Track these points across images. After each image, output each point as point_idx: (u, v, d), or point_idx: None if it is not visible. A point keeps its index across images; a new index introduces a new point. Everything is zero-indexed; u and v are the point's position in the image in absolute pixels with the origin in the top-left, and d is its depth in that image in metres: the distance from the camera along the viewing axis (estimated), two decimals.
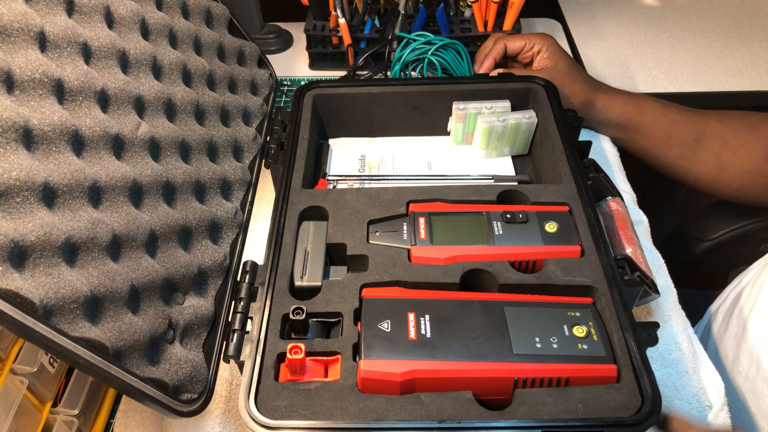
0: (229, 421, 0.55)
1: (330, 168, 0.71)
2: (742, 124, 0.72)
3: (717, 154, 0.72)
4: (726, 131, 0.72)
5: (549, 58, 0.75)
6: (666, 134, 0.73)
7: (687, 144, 0.72)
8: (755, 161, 0.71)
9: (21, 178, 0.40)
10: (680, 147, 0.73)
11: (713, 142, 0.72)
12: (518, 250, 0.54)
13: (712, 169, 0.72)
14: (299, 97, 0.71)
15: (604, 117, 0.76)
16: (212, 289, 0.54)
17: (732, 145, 0.71)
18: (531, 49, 0.76)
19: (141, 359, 0.44)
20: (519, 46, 0.76)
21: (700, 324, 0.74)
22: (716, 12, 1.05)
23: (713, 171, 0.72)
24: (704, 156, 0.72)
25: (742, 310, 0.63)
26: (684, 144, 0.72)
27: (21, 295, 0.37)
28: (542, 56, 0.75)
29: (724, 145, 0.71)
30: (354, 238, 0.56)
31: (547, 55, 0.75)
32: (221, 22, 0.72)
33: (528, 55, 0.76)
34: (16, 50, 0.45)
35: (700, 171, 0.73)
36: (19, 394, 0.46)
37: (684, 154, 0.73)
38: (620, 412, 0.43)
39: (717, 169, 0.72)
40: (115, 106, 0.52)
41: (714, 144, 0.72)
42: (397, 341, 0.47)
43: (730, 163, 0.71)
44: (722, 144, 0.71)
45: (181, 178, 0.55)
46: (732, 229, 0.84)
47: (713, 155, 0.72)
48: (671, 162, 0.74)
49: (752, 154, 0.71)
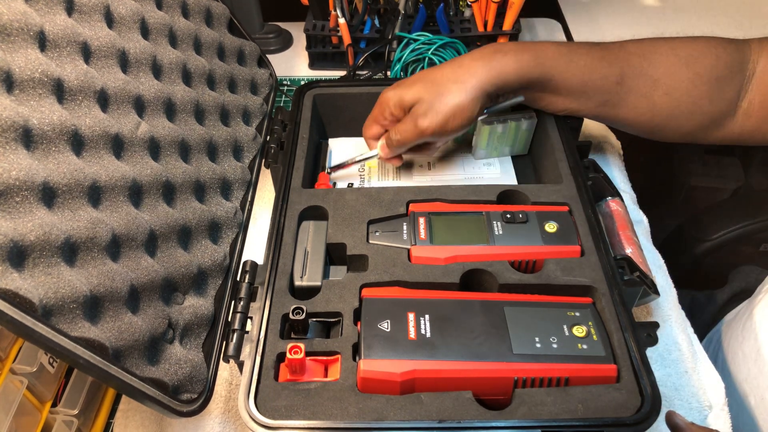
0: (228, 421, 0.55)
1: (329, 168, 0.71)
2: (673, 59, 0.60)
3: (647, 95, 0.60)
4: (653, 69, 0.60)
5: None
6: (580, 83, 0.60)
7: (607, 89, 0.61)
8: (696, 101, 0.60)
9: (20, 178, 0.40)
10: (600, 94, 0.61)
11: (639, 81, 0.60)
12: (518, 250, 0.54)
13: (644, 113, 0.61)
14: (299, 96, 0.71)
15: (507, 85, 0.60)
16: (212, 289, 0.54)
17: (664, 84, 0.60)
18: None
19: (141, 359, 0.44)
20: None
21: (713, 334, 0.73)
22: (716, 12, 1.05)
23: (645, 115, 0.62)
24: (631, 100, 0.61)
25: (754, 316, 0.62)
26: (604, 89, 0.61)
27: (20, 294, 0.37)
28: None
29: (654, 84, 0.60)
30: (354, 237, 0.56)
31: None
32: (221, 21, 0.71)
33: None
34: (16, 50, 0.45)
35: (629, 116, 0.62)
36: (19, 394, 0.46)
37: (607, 100, 0.61)
38: (620, 412, 0.43)
39: (650, 112, 0.61)
40: (115, 106, 0.52)
41: (640, 84, 0.60)
42: (397, 341, 0.47)
43: (665, 105, 0.61)
44: (651, 84, 0.60)
45: (181, 178, 0.55)
46: (732, 229, 0.85)
47: (642, 97, 0.61)
48: (594, 110, 0.63)
49: (692, 92, 0.60)
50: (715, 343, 0.70)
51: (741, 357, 0.63)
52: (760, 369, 0.59)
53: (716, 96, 0.60)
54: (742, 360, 0.62)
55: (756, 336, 0.61)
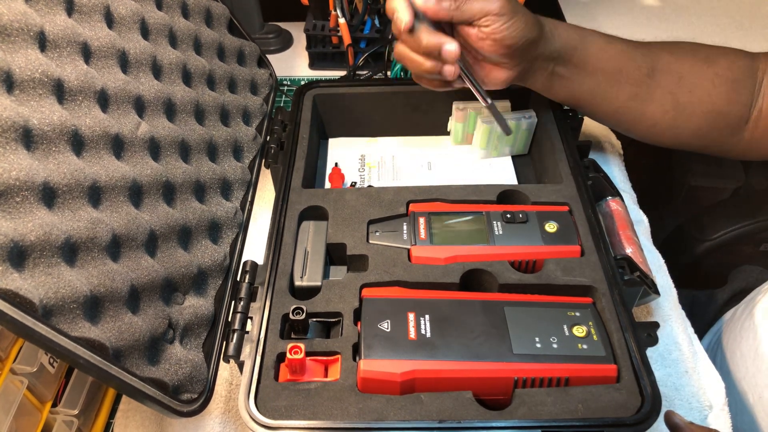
0: (228, 421, 0.55)
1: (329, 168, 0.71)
2: (696, 58, 0.63)
3: (673, 92, 0.62)
4: (679, 65, 0.62)
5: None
6: (615, 68, 0.61)
7: (639, 80, 0.62)
8: (715, 101, 0.62)
9: (21, 178, 0.40)
10: (632, 85, 0.62)
11: (667, 77, 0.62)
12: (518, 250, 0.54)
13: (668, 110, 0.63)
14: (299, 96, 0.71)
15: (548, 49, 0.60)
16: (212, 289, 0.54)
17: (689, 82, 0.62)
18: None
19: (141, 359, 0.44)
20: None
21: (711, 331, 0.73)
22: (716, 12, 1.05)
23: (669, 113, 0.63)
24: (659, 95, 0.62)
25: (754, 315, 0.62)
26: (636, 80, 0.62)
27: (21, 295, 0.37)
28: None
29: (680, 81, 0.62)
30: (354, 237, 0.56)
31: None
32: (221, 21, 0.71)
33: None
34: (16, 50, 0.45)
35: (655, 114, 0.63)
36: (19, 394, 0.46)
37: (637, 93, 0.62)
38: (620, 412, 0.43)
39: (674, 110, 0.63)
40: (115, 106, 0.52)
41: (668, 80, 0.62)
42: (397, 341, 0.47)
43: (688, 103, 0.62)
44: (677, 80, 0.62)
45: (181, 178, 0.55)
46: (732, 229, 0.85)
47: (669, 94, 0.62)
48: (623, 105, 0.63)
49: (712, 92, 0.62)
50: (714, 342, 0.70)
51: (739, 356, 0.63)
52: (758, 368, 0.59)
53: (733, 98, 0.62)
54: (740, 359, 0.63)
55: (755, 335, 0.61)
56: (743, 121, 0.63)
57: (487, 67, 0.61)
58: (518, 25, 0.56)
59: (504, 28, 0.56)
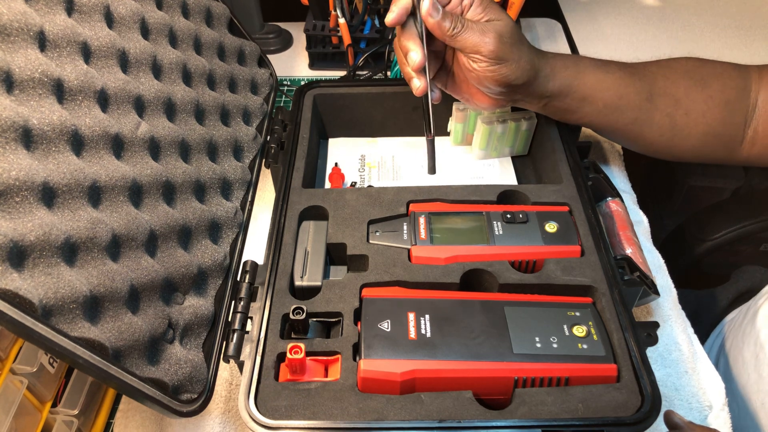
0: (228, 421, 0.55)
1: (329, 168, 0.71)
2: (690, 81, 0.63)
3: (670, 115, 0.63)
4: (674, 88, 0.63)
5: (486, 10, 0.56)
6: (615, 96, 0.61)
7: (639, 105, 0.62)
8: (710, 122, 0.63)
9: (20, 178, 0.40)
10: (632, 110, 0.62)
11: (664, 100, 0.63)
12: (518, 250, 0.54)
13: (666, 132, 0.64)
14: (299, 96, 0.71)
15: (541, 89, 0.60)
16: (212, 289, 0.54)
17: (684, 106, 0.63)
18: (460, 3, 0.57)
19: (140, 359, 0.44)
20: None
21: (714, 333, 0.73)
22: (716, 12, 1.05)
23: (666, 135, 0.64)
24: (658, 118, 0.63)
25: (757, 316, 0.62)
26: (637, 106, 0.62)
27: (20, 295, 0.37)
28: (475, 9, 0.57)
29: (677, 104, 0.63)
30: (354, 237, 0.56)
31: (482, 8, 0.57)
32: (221, 21, 0.71)
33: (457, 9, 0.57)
34: (16, 50, 0.45)
35: (653, 136, 0.64)
36: (19, 394, 0.46)
37: (637, 117, 0.63)
38: (620, 411, 0.43)
39: (671, 132, 0.64)
40: (115, 106, 0.52)
41: (666, 103, 0.63)
42: (397, 341, 0.47)
43: (684, 125, 0.63)
44: (674, 103, 0.63)
45: (181, 178, 0.55)
46: (732, 229, 0.84)
47: (666, 117, 0.63)
48: (622, 128, 0.64)
49: (707, 114, 0.63)
50: (717, 347, 0.70)
51: (741, 362, 0.63)
52: (760, 374, 0.59)
53: (728, 119, 0.63)
54: (742, 365, 0.63)
55: (756, 341, 0.61)
56: (738, 141, 0.64)
57: (473, 90, 0.61)
58: (508, 70, 0.56)
59: (493, 69, 0.56)
